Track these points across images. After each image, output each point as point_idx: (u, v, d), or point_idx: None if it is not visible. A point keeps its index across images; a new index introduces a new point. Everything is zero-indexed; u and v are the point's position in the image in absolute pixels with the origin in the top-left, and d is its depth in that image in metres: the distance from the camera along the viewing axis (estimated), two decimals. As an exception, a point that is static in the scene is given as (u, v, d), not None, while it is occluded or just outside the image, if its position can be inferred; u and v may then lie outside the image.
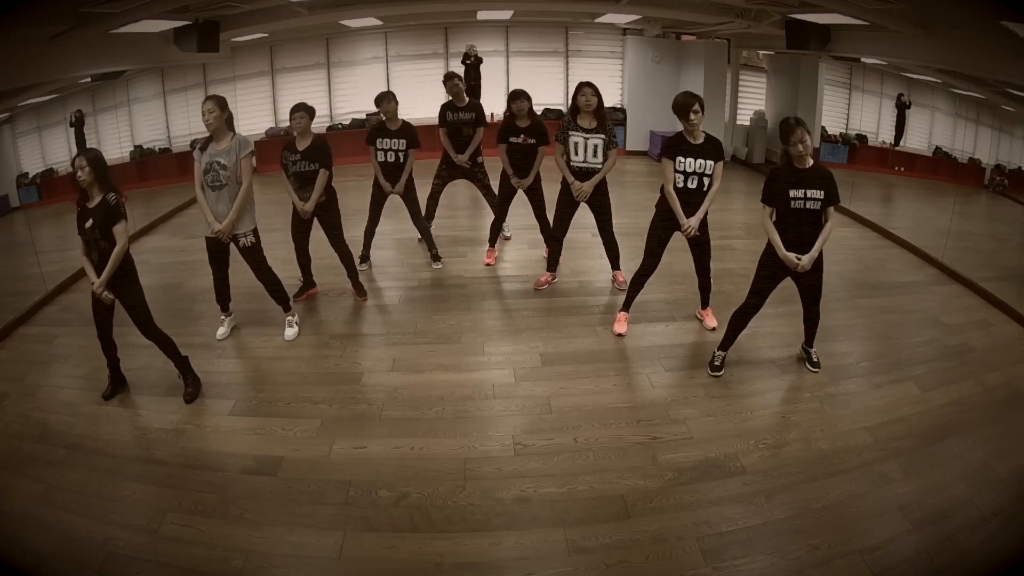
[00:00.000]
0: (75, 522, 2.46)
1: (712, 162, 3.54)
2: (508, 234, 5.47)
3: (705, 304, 4.01)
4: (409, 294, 4.52)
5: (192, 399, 3.25)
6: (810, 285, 3.31)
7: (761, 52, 8.83)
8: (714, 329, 3.85)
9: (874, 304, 4.39)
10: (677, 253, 4.01)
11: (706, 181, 3.55)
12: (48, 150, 6.01)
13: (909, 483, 2.65)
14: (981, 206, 5.90)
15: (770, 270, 3.30)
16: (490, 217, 4.98)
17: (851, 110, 7.65)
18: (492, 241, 4.99)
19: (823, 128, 7.94)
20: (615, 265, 4.50)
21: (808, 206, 3.12)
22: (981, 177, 5.81)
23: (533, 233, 4.91)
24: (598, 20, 8.32)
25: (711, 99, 8.38)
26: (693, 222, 3.57)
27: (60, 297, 4.59)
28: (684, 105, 3.49)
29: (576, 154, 4.01)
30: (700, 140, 3.55)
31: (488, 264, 4.94)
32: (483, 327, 4.01)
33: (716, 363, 3.44)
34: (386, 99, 4.48)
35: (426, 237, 4.95)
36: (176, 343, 3.33)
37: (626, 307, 3.93)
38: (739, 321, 3.40)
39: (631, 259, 4.72)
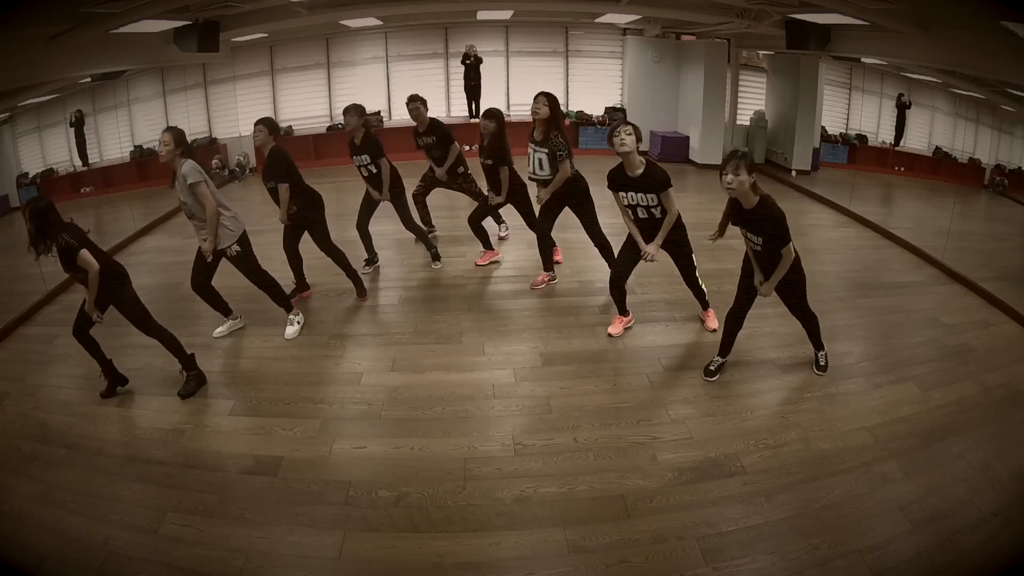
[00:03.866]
0: (75, 522, 2.46)
1: (654, 195, 3.41)
2: (504, 233, 5.48)
3: (705, 307, 3.99)
4: (409, 294, 4.52)
5: (187, 396, 3.25)
6: (787, 295, 3.31)
7: (761, 52, 8.83)
8: (715, 330, 3.85)
9: (874, 304, 4.39)
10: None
11: (655, 211, 3.47)
12: (48, 150, 6.01)
13: (909, 483, 2.66)
14: (981, 206, 5.91)
15: (751, 273, 3.31)
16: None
17: (851, 110, 7.66)
18: (487, 245, 5.00)
19: (823, 128, 7.96)
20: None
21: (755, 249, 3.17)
22: (981, 177, 5.81)
23: (532, 233, 4.89)
24: (598, 20, 8.32)
25: (711, 99, 8.44)
26: (651, 249, 3.56)
27: (60, 297, 4.60)
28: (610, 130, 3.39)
29: (528, 165, 4.14)
30: (638, 172, 3.39)
31: (479, 264, 4.94)
32: (483, 327, 4.01)
33: (712, 367, 3.42)
34: (348, 113, 4.31)
35: (422, 238, 4.93)
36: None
37: (621, 312, 3.91)
38: (733, 322, 3.38)
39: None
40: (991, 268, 4.87)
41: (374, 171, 4.43)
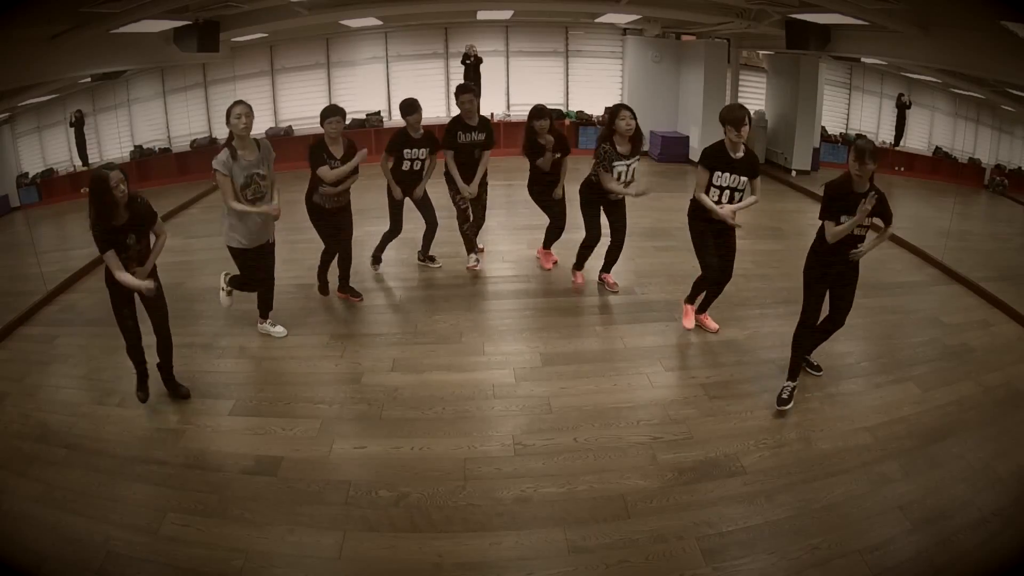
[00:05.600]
0: (75, 522, 2.46)
1: (747, 178, 3.46)
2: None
3: (705, 308, 3.92)
4: (409, 294, 4.52)
5: (188, 395, 3.26)
6: (847, 296, 3.17)
7: (761, 52, 8.84)
8: (716, 331, 3.84)
9: (874, 304, 4.38)
10: (677, 253, 4.01)
11: (738, 197, 3.48)
12: (48, 150, 6.01)
13: (909, 483, 2.66)
14: (981, 206, 5.91)
15: (817, 281, 3.11)
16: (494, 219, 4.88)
17: (851, 110, 7.66)
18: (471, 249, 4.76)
19: (823, 128, 7.96)
20: (609, 268, 4.46)
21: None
22: (981, 177, 5.82)
23: (532, 233, 4.89)
24: (598, 20, 8.32)
25: (711, 99, 8.43)
26: (731, 208, 3.46)
27: (60, 297, 4.58)
28: (737, 119, 3.30)
29: (620, 179, 3.99)
30: (739, 155, 3.42)
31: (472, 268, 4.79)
32: (483, 327, 4.01)
33: (784, 396, 3.16)
34: (417, 110, 4.24)
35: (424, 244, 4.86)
36: (178, 343, 3.32)
37: (691, 300, 3.90)
38: (803, 344, 3.21)
39: (630, 259, 4.74)
40: (991, 268, 4.87)
41: (421, 166, 4.39)
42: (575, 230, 4.86)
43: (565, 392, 3.29)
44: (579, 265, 4.51)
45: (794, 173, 8.01)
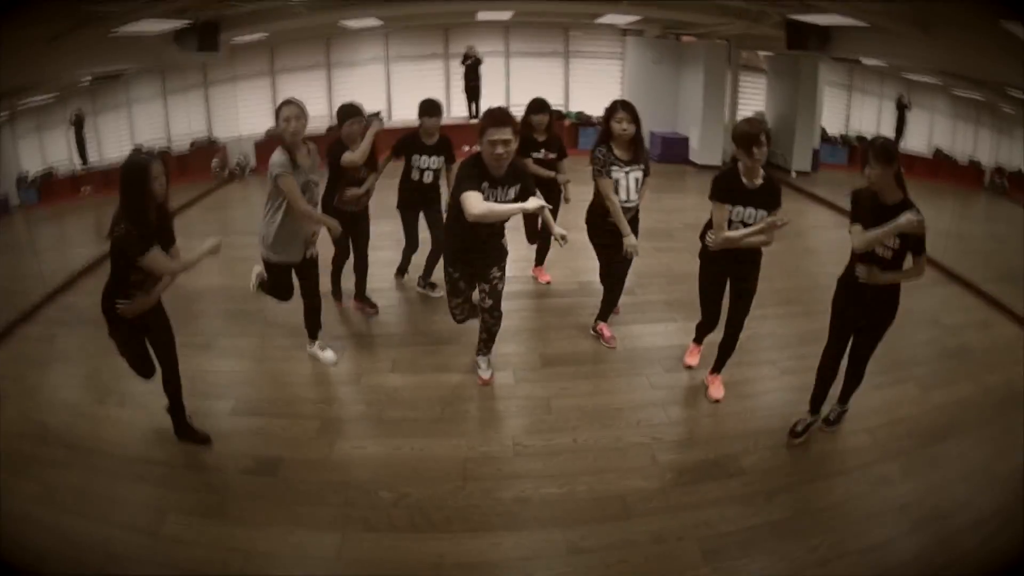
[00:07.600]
0: (75, 522, 2.46)
1: (766, 212, 2.81)
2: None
3: (718, 368, 3.28)
4: (408, 294, 4.52)
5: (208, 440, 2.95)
6: (871, 336, 2.78)
7: (761, 53, 8.84)
8: (718, 401, 3.24)
9: (874, 305, 4.38)
10: (678, 253, 4.01)
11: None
12: (48, 150, 6.01)
13: (908, 483, 2.66)
14: (981, 207, 5.91)
15: (840, 311, 2.81)
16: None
17: (851, 111, 7.67)
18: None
19: (823, 129, 7.97)
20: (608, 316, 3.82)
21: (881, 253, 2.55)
22: (981, 178, 5.82)
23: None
24: (598, 21, 8.33)
25: (711, 100, 8.45)
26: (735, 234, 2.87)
27: (60, 297, 4.58)
28: (748, 137, 2.68)
29: (617, 192, 3.30)
30: (758, 183, 2.80)
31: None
32: (483, 327, 4.00)
33: (799, 428, 2.90)
34: (436, 113, 3.90)
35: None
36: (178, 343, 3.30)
37: (698, 340, 3.48)
38: (829, 373, 2.87)
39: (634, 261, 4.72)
40: (991, 269, 4.88)
41: (436, 177, 4.04)
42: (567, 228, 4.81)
43: (565, 393, 3.29)
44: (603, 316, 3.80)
45: (794, 174, 8.02)
